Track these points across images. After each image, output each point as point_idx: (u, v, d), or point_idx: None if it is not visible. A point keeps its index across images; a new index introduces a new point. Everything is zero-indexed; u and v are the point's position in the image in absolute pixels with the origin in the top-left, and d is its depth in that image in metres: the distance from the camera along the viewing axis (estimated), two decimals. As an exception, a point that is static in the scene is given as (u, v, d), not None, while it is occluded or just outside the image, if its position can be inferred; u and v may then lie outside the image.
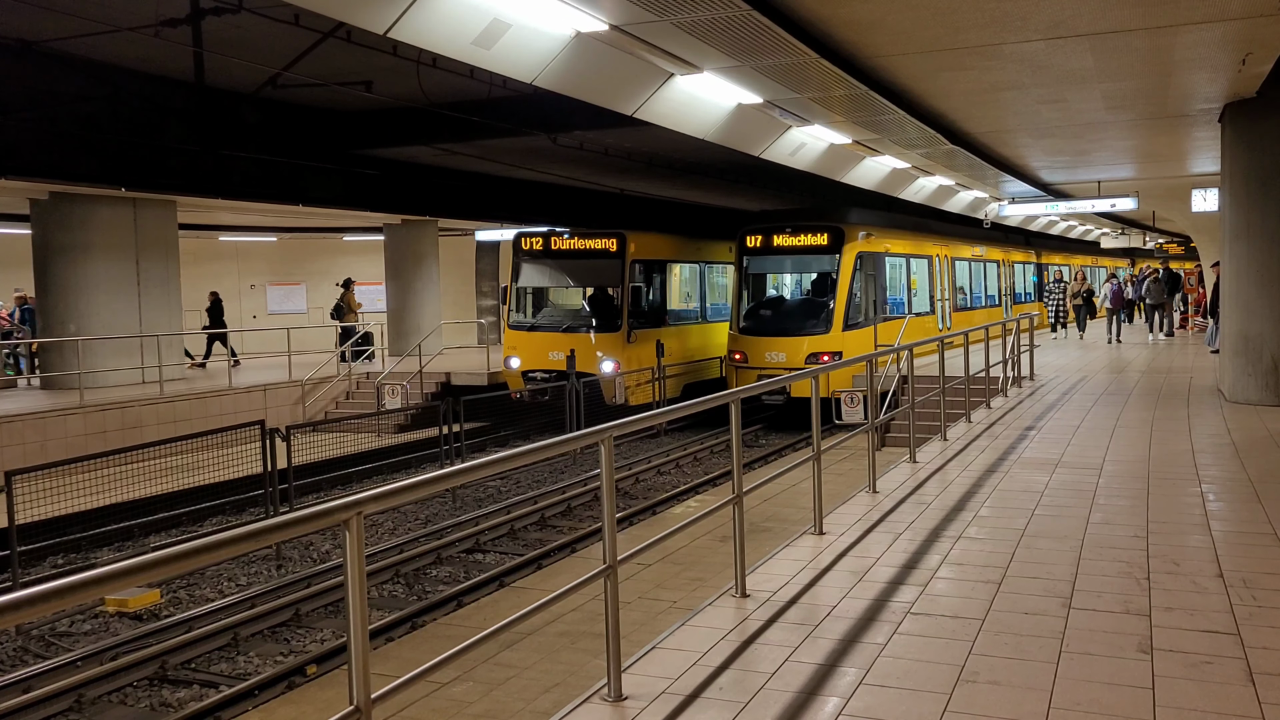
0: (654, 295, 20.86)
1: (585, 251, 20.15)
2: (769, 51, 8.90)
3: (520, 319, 20.64)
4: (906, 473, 8.78)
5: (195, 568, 9.01)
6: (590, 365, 18.99)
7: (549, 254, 20.49)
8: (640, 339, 19.74)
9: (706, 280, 23.46)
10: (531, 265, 20.67)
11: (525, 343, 20.15)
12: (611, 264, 19.81)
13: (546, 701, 5.54)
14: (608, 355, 19.26)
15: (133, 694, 7.77)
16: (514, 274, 20.83)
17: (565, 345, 19.38)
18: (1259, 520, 6.73)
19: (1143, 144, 16.19)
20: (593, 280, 20.37)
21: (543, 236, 20.52)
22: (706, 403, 5.34)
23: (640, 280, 20.24)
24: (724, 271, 23.01)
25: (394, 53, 12.47)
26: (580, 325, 19.87)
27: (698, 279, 22.64)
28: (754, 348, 19.57)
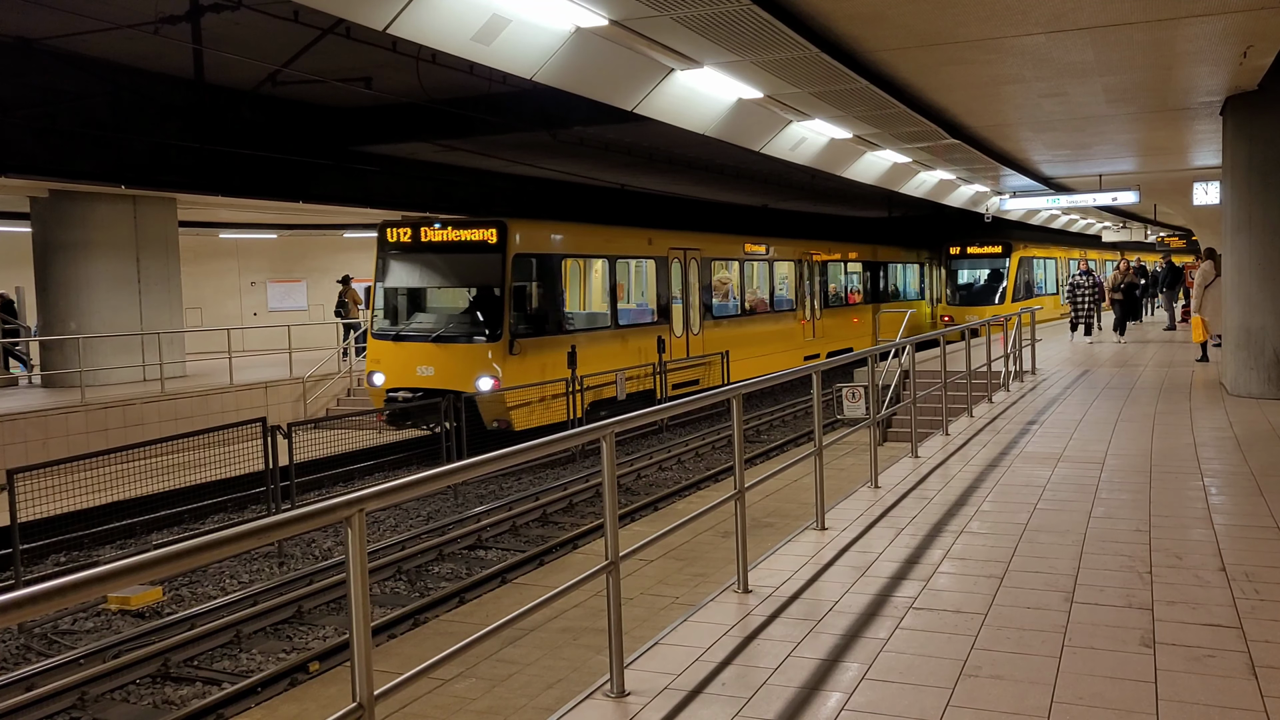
0: (548, 297, 17.45)
1: (460, 244, 16.84)
2: (769, 46, 8.89)
3: (385, 326, 17.33)
4: (908, 468, 8.78)
5: (197, 565, 9.01)
6: (465, 382, 15.94)
7: (419, 247, 17.18)
8: (528, 350, 16.53)
9: (625, 278, 20.60)
10: (399, 261, 17.39)
11: (390, 355, 16.92)
12: (490, 259, 16.47)
13: (549, 698, 5.54)
14: (485, 370, 16.07)
15: (135, 691, 7.77)
16: (379, 271, 17.56)
17: (436, 358, 16.46)
18: (1261, 513, 6.72)
19: (1144, 137, 16.17)
20: (468, 279, 17.16)
21: (411, 227, 17.23)
22: (709, 398, 5.33)
23: (529, 279, 17.00)
24: (649, 267, 20.46)
25: (393, 49, 12.46)
26: (454, 334, 16.71)
27: (608, 277, 19.14)
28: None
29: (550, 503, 13.27)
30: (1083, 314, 22.43)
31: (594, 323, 18.90)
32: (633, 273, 20.97)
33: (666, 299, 20.51)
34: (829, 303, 27.63)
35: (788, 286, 25.93)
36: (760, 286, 24.67)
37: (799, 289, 26.01)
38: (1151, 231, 39.30)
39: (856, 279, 29.87)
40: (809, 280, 26.48)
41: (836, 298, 28.34)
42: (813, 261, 26.61)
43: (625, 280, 20.62)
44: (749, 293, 24.03)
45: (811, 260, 26.55)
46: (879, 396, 13.77)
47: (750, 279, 24.20)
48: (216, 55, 12.98)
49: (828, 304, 27.46)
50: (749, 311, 23.80)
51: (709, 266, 22.16)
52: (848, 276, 29.45)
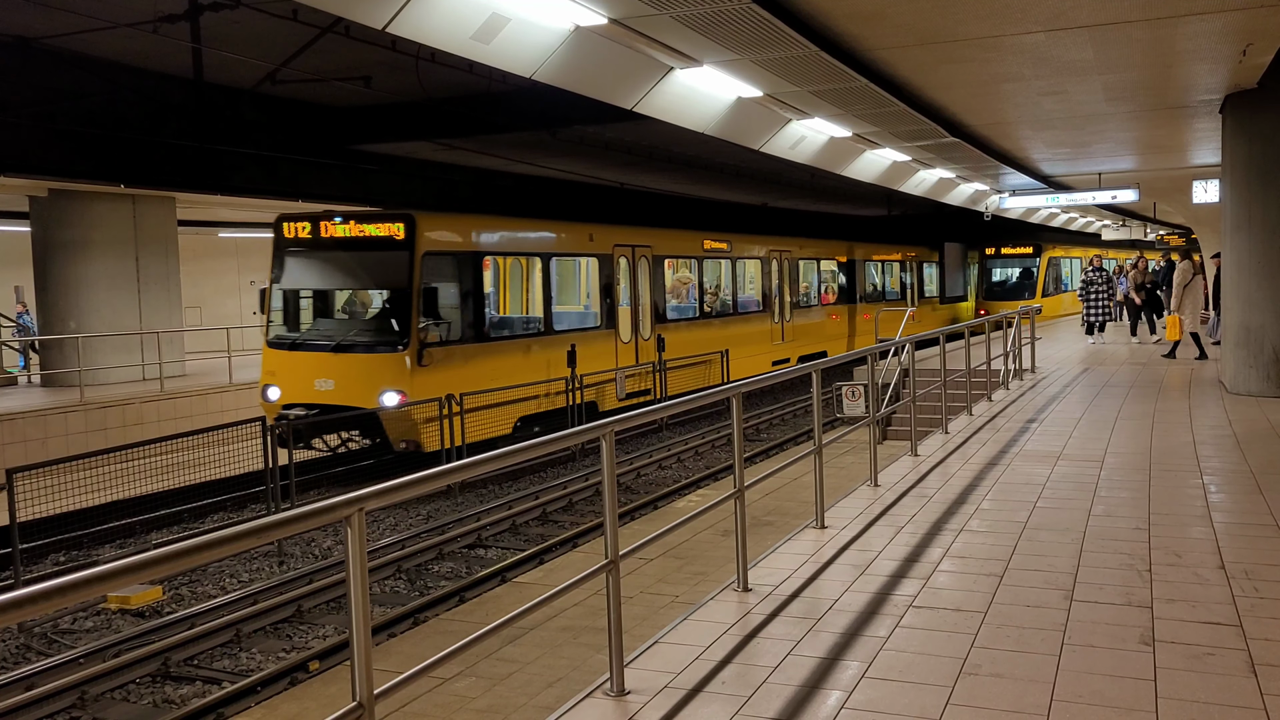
0: (468, 300, 15.35)
1: (362, 241, 14.89)
2: (769, 45, 8.89)
3: (282, 334, 15.33)
4: (908, 466, 8.78)
5: (197, 565, 9.00)
6: (368, 397, 14.08)
7: (318, 244, 15.16)
8: (441, 360, 14.52)
9: (562, 278, 18.64)
10: (297, 259, 15.37)
11: (287, 366, 14.91)
12: (396, 258, 14.51)
13: (549, 696, 5.54)
14: (390, 384, 14.10)
15: (135, 691, 7.77)
16: (274, 270, 15.50)
17: (336, 370, 14.50)
18: (1261, 511, 6.73)
19: (1143, 136, 16.16)
20: (372, 280, 15.24)
21: (310, 221, 15.19)
22: (706, 396, 5.33)
23: (444, 280, 14.97)
24: (592, 266, 18.42)
25: (393, 48, 12.46)
26: (355, 343, 14.76)
27: (542, 277, 17.01)
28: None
29: (550, 501, 13.27)
30: (1098, 314, 20.97)
31: (526, 329, 16.89)
32: (573, 273, 19.02)
33: (612, 301, 18.43)
34: (801, 303, 26.11)
35: (754, 286, 24.39)
36: (723, 287, 22.95)
37: (767, 289, 24.37)
38: (1151, 230, 39.34)
39: (832, 278, 28.38)
40: (778, 280, 24.77)
41: (809, 298, 26.89)
42: (783, 260, 24.99)
43: (565, 281, 18.74)
44: (710, 293, 22.40)
45: (781, 258, 24.97)
46: (878, 395, 13.77)
47: (711, 279, 22.58)
48: (216, 54, 12.97)
49: (799, 305, 25.95)
50: (710, 314, 22.10)
51: (662, 265, 20.34)
52: (821, 275, 27.91)
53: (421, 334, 14.32)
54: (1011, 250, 36.69)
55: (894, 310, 29.62)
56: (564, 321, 17.76)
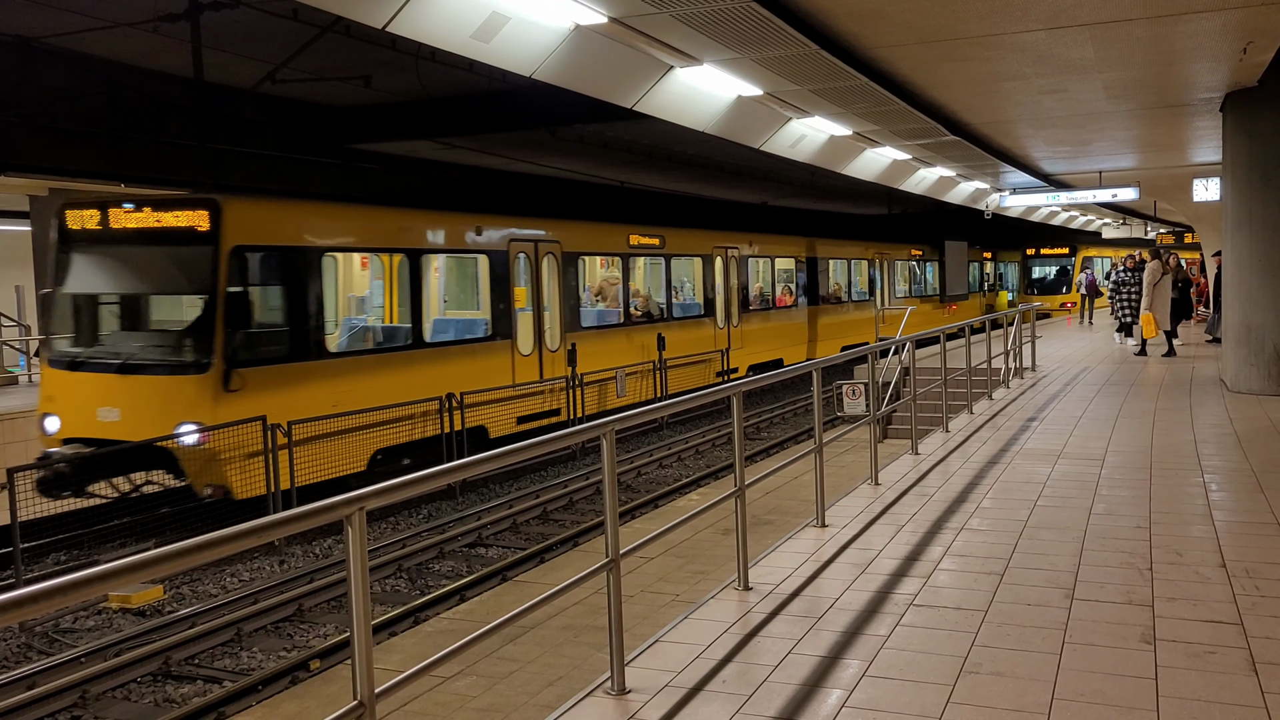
0: (296, 308, 12.18)
1: (159, 233, 11.69)
2: (769, 43, 8.88)
3: (63, 350, 12.16)
4: (909, 464, 8.78)
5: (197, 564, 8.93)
6: (162, 429, 11.09)
7: (109, 237, 11.97)
8: (258, 384, 11.57)
9: (445, 280, 16.06)
10: (82, 256, 12.15)
11: (67, 391, 11.90)
12: (196, 254, 11.48)
13: (550, 695, 5.54)
14: (188, 414, 11.14)
15: (136, 690, 7.78)
16: (54, 270, 12.37)
17: (122, 396, 11.51)
18: (1262, 510, 6.72)
19: (1144, 134, 16.16)
20: (168, 282, 12.07)
21: (99, 207, 12.03)
22: (704, 396, 5.33)
23: (262, 282, 12.06)
24: (480, 266, 15.54)
25: (393, 47, 12.45)
26: (144, 363, 11.64)
27: (410, 278, 13.94)
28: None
29: (551, 500, 13.27)
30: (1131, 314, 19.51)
31: (386, 342, 14.05)
32: (458, 273, 16.34)
33: (508, 307, 15.54)
34: (753, 306, 23.67)
35: (694, 288, 21.98)
36: (656, 288, 20.39)
37: (710, 291, 21.75)
38: (1151, 228, 39.38)
39: (790, 278, 25.87)
40: (724, 280, 22.26)
41: (763, 300, 24.45)
42: (729, 257, 22.46)
43: (442, 283, 15.97)
44: (639, 296, 19.71)
45: (728, 256, 22.41)
46: (879, 393, 13.78)
47: (640, 279, 20.11)
48: (216, 54, 12.97)
49: (751, 308, 23.52)
50: (638, 319, 19.32)
51: (576, 264, 17.45)
52: (776, 275, 25.52)
53: (229, 350, 11.33)
54: (1050, 250, 41.96)
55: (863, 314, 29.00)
56: (443, 332, 14.94)
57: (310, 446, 11.78)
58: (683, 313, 21.09)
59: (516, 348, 15.67)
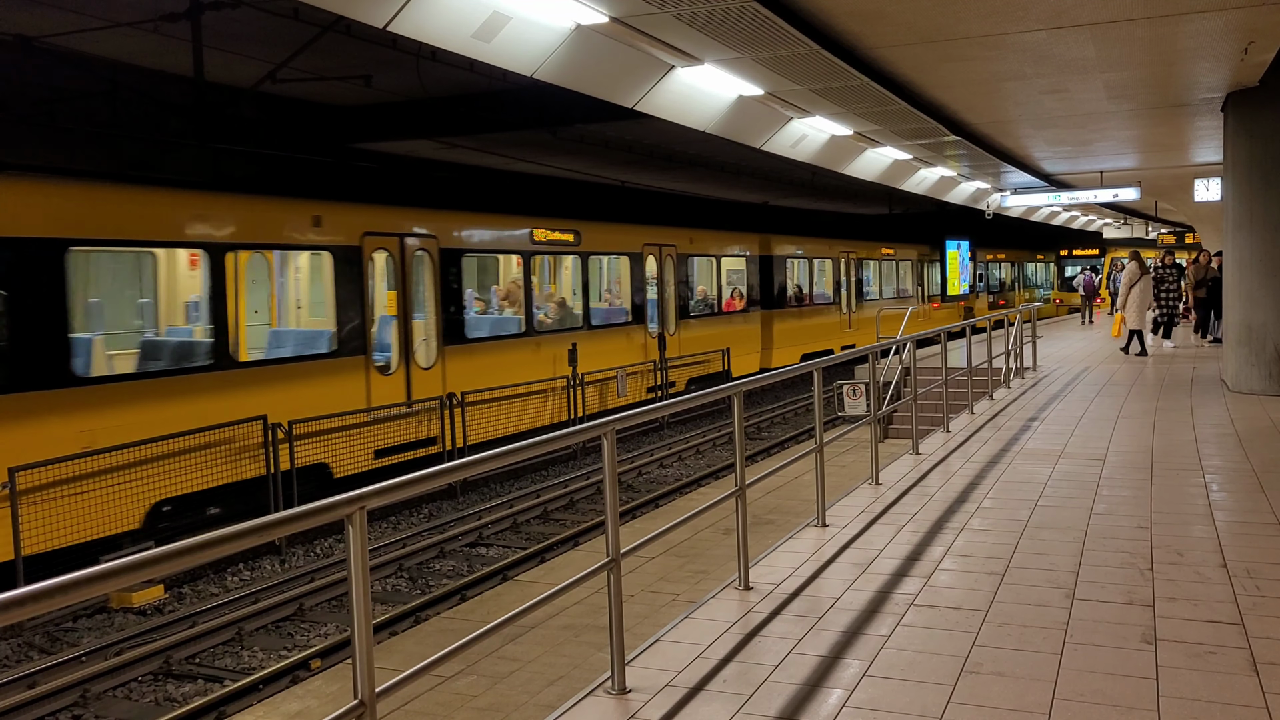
0: (17, 319, 9.41)
1: None
2: (770, 43, 8.88)
3: None
4: (909, 464, 8.77)
5: (198, 564, 8.91)
6: None
7: None
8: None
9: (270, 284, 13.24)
10: None
11: None
12: None
13: (551, 695, 5.54)
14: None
15: (137, 689, 7.78)
16: None
17: None
18: (1263, 510, 6.72)
19: (1145, 134, 16.15)
20: None
21: None
22: (703, 396, 5.33)
23: None
24: (320, 268, 13.07)
25: (394, 46, 12.45)
26: None
27: (211, 279, 11.12)
28: None
29: (551, 500, 13.27)
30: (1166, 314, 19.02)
31: (172, 362, 11.10)
32: (290, 274, 13.68)
33: (359, 315, 12.74)
34: (693, 311, 21.23)
35: (619, 291, 19.45)
36: (571, 292, 17.81)
37: (640, 294, 19.14)
38: (1153, 228, 39.47)
39: (741, 279, 23.39)
40: (660, 282, 19.83)
41: (706, 304, 21.91)
42: (665, 256, 20.03)
43: (269, 288, 13.22)
44: (548, 301, 17.35)
45: (663, 254, 19.96)
46: (880, 393, 13.77)
47: (546, 281, 17.79)
48: (216, 53, 12.96)
49: (692, 313, 21.12)
50: (543, 329, 16.59)
51: (458, 263, 14.70)
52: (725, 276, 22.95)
53: None
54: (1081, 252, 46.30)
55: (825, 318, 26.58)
56: (266, 347, 12.57)
57: (47, 498, 9.22)
58: (605, 320, 18.52)
59: (372, 364, 12.99)
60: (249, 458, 11.29)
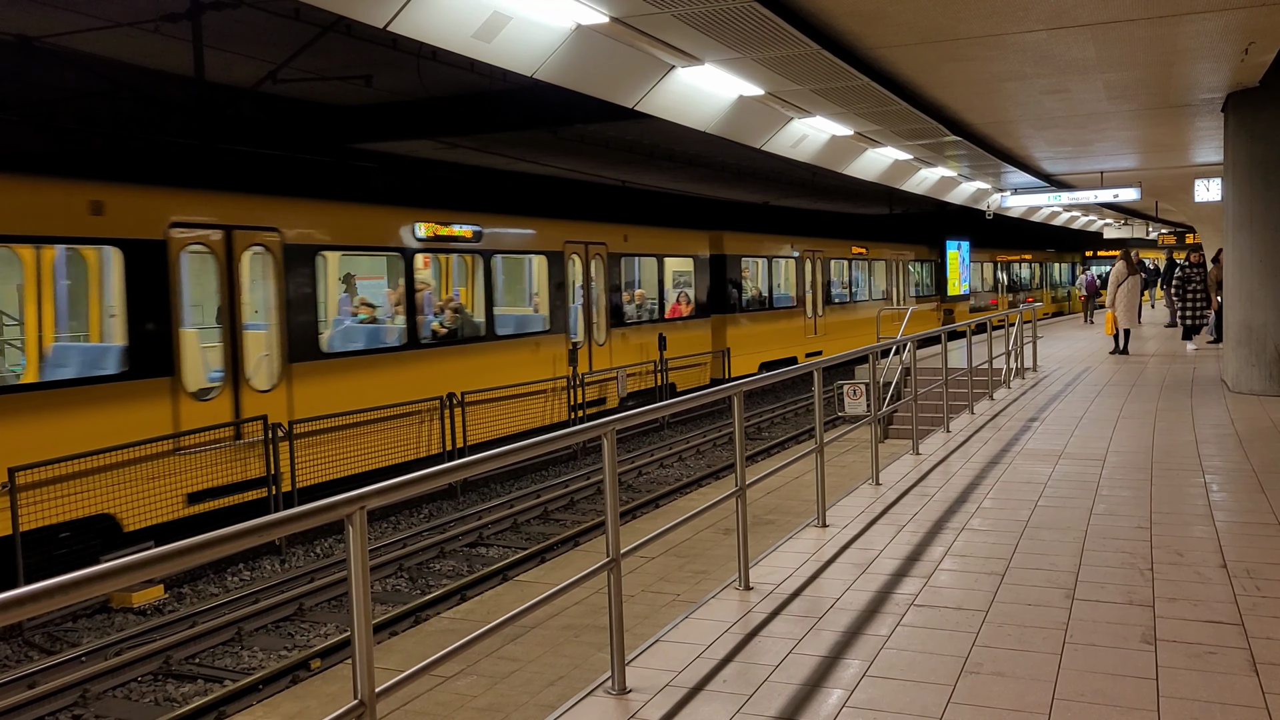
0: None
1: None
2: (770, 43, 8.88)
3: None
4: (909, 465, 8.77)
5: (198, 563, 8.87)
6: None
7: None
8: None
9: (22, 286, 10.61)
10: None
11: None
12: None
13: (551, 695, 5.54)
14: None
15: (137, 689, 7.78)
16: None
17: None
18: (1263, 510, 6.72)
19: (1145, 134, 16.15)
20: None
21: None
22: (705, 396, 5.33)
23: None
24: (109, 265, 10.64)
25: (394, 46, 12.45)
26: None
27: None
28: None
29: (552, 500, 13.27)
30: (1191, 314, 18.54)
31: None
32: (73, 278, 11.19)
33: (161, 327, 10.56)
34: (629, 318, 18.97)
35: (537, 295, 16.97)
36: (471, 299, 15.27)
37: (558, 299, 16.66)
38: (1153, 228, 39.41)
39: (689, 281, 21.20)
40: (586, 284, 17.44)
41: (645, 310, 19.66)
42: (592, 255, 17.70)
43: (53, 290, 10.75)
44: (441, 310, 14.93)
45: (589, 253, 17.62)
46: (880, 394, 13.78)
47: (438, 285, 15.61)
48: (217, 53, 12.96)
49: (627, 321, 18.80)
50: (430, 341, 14.22)
51: (312, 262, 12.30)
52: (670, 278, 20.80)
53: None
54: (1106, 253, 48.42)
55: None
56: (41, 366, 10.35)
57: None
58: (516, 328, 16.05)
59: (183, 388, 10.72)
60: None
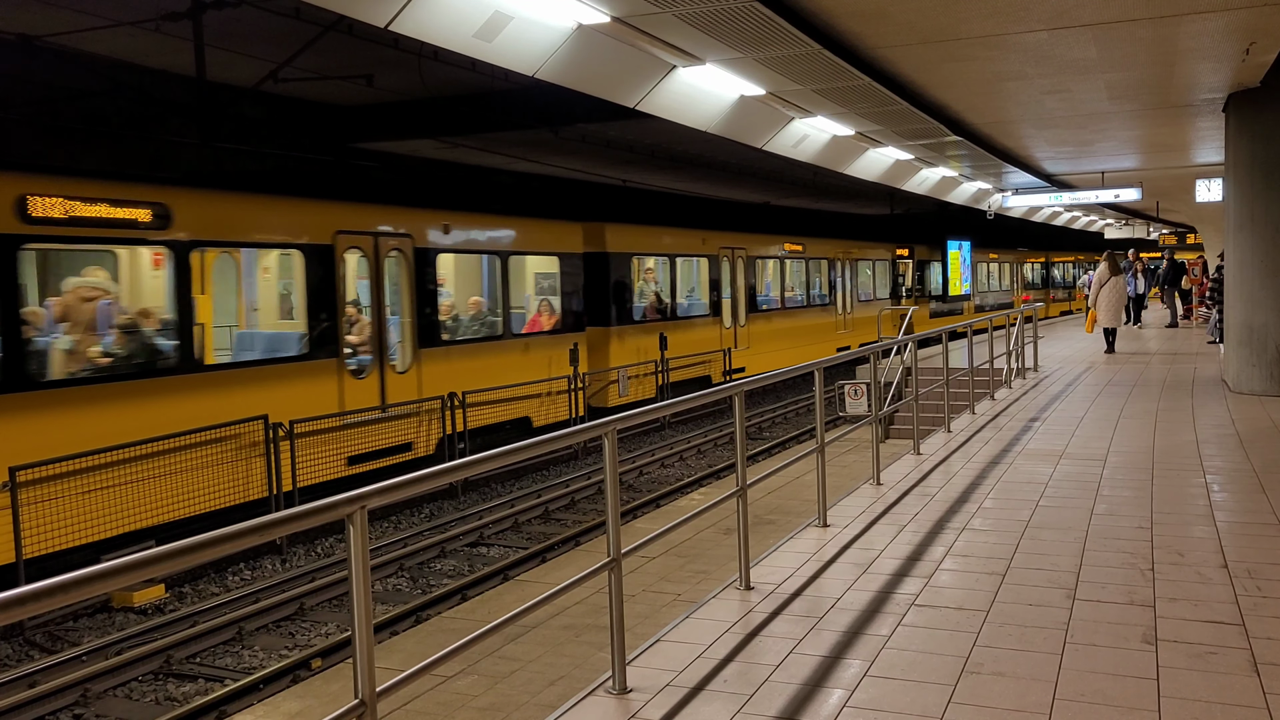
0: None
1: None
2: (771, 43, 8.88)
3: None
4: (910, 465, 8.77)
5: (198, 563, 8.85)
6: None
7: None
8: None
9: None
10: None
11: None
12: None
13: (551, 694, 5.54)
14: None
15: (137, 689, 7.78)
16: None
17: None
18: (1264, 510, 6.72)
19: (1147, 134, 16.15)
20: None
21: None
22: (705, 396, 5.33)
23: None
24: None
25: (395, 46, 12.45)
26: None
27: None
28: None
29: (552, 499, 13.27)
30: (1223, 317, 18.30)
31: None
32: None
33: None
34: (452, 334, 14.49)
35: (294, 307, 12.65)
36: (163, 310, 10.69)
37: (326, 310, 12.28)
38: (1154, 228, 39.40)
39: (553, 286, 16.90)
40: (375, 293, 13.08)
41: (484, 324, 15.23)
42: (386, 253, 13.21)
43: None
44: (133, 324, 10.50)
45: (382, 249, 13.14)
46: (881, 394, 13.79)
47: (142, 290, 11.08)
48: (218, 53, 12.96)
49: (446, 337, 14.23)
50: (110, 370, 10.17)
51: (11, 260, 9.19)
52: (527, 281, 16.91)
53: None
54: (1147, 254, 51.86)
55: None
56: None
57: None
58: (270, 349, 12.06)
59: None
60: None
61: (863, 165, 17.45)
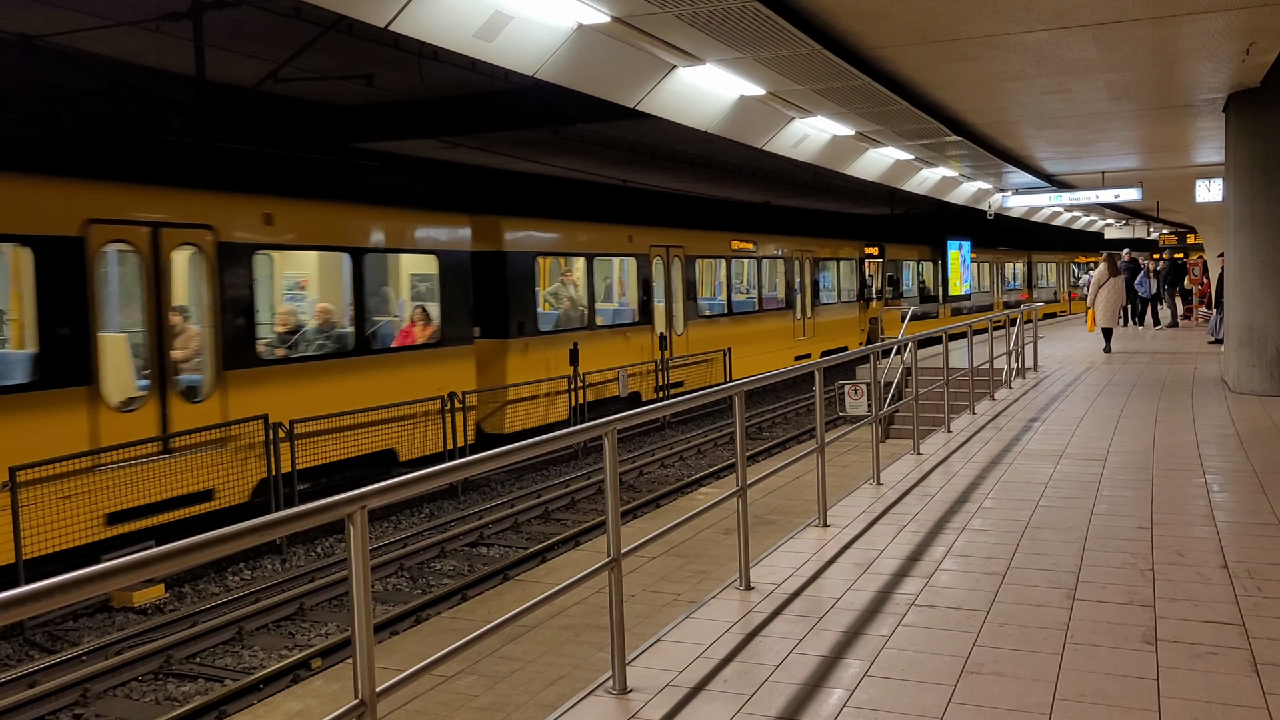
0: None
1: None
2: (772, 43, 8.88)
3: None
4: (910, 465, 8.77)
5: (198, 563, 8.82)
6: None
7: None
8: None
9: None
10: None
11: None
12: None
13: (551, 694, 5.54)
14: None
15: (137, 689, 7.78)
16: None
17: None
18: (1264, 511, 6.72)
19: (1146, 134, 16.15)
20: None
21: None
22: (706, 396, 5.33)
23: None
24: None
25: (395, 46, 12.45)
26: None
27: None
28: None
29: (552, 499, 13.27)
30: None
31: None
32: None
33: None
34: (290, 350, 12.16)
35: (14, 320, 10.04)
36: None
37: (59, 323, 9.46)
38: (1154, 228, 39.39)
39: (431, 291, 14.23)
40: (146, 299, 10.27)
41: (331, 338, 12.65)
42: (169, 247, 10.52)
43: None
44: None
45: (159, 243, 10.39)
46: (881, 393, 13.78)
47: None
48: (218, 53, 12.96)
49: (255, 356, 11.41)
50: None
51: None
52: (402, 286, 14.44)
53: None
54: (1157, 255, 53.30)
55: None
56: None
57: None
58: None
59: None
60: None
61: (863, 165, 17.44)
